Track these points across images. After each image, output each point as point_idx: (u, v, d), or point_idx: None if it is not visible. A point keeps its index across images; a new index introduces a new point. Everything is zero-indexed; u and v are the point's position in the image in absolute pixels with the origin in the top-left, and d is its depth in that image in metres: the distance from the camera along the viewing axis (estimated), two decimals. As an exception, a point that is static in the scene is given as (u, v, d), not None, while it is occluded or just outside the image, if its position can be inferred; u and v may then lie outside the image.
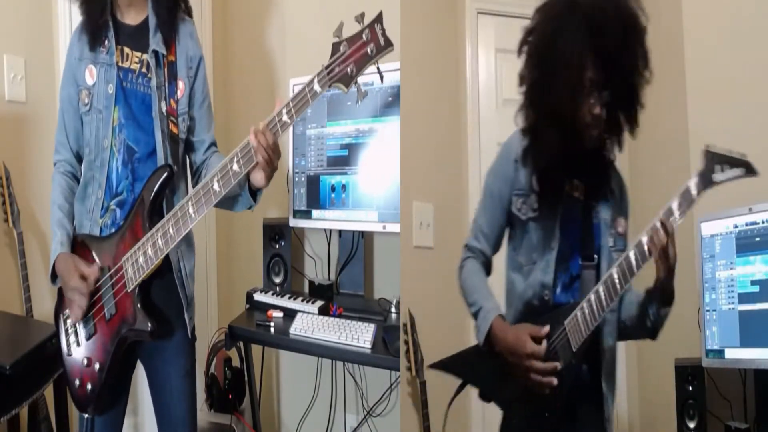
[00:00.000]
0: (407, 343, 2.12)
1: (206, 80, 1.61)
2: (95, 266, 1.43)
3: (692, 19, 2.23)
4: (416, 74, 2.22)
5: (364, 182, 2.16)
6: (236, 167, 1.30)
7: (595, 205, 1.39)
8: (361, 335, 1.82)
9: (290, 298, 2.15)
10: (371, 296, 2.37)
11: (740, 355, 1.73)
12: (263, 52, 2.71)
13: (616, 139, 1.37)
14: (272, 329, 1.99)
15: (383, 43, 1.21)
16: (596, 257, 1.38)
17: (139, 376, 1.62)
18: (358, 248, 2.30)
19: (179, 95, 1.52)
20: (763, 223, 1.71)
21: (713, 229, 1.83)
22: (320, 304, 2.06)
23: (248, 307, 2.24)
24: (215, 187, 1.32)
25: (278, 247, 2.35)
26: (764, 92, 2.00)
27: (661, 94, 2.44)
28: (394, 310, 2.12)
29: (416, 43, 2.28)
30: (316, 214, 2.28)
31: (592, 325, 1.31)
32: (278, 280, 2.34)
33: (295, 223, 2.34)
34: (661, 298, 1.33)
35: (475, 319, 1.42)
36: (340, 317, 1.99)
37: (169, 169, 1.44)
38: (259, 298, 2.22)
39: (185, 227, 1.34)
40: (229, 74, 2.82)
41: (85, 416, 1.50)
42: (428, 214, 2.30)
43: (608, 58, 1.27)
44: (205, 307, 2.64)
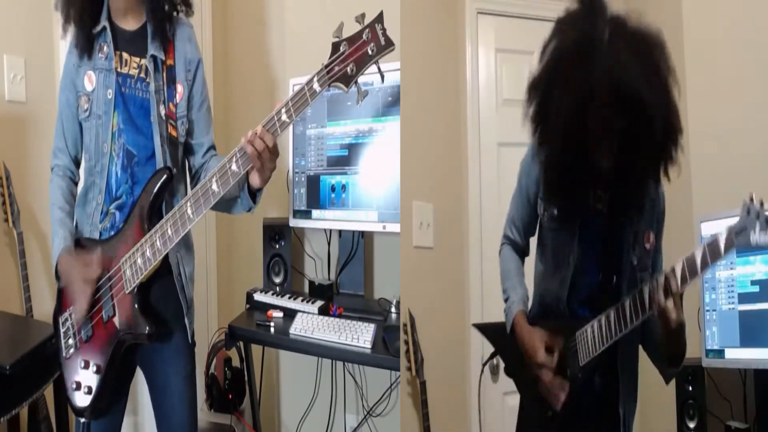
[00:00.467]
0: (407, 343, 2.12)
1: (205, 83, 1.61)
2: (97, 264, 1.43)
3: (692, 19, 2.23)
4: (416, 74, 2.22)
5: (364, 182, 2.16)
6: (235, 167, 1.30)
7: (619, 218, 1.27)
8: (361, 335, 1.82)
9: (290, 298, 2.15)
10: (371, 296, 2.37)
11: (740, 355, 1.73)
12: (263, 52, 2.71)
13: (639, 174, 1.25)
14: (272, 329, 1.99)
15: (384, 42, 1.21)
16: (616, 277, 1.29)
17: (139, 375, 1.61)
18: (358, 248, 2.30)
19: (178, 99, 1.52)
20: (763, 223, 1.71)
21: (713, 229, 1.83)
22: (320, 304, 2.06)
23: (248, 307, 2.24)
24: (214, 187, 1.31)
25: (278, 247, 2.35)
26: (764, 92, 2.00)
27: (661, 94, 2.44)
28: (394, 310, 2.12)
29: (416, 43, 2.28)
30: (316, 214, 2.28)
31: (600, 345, 1.25)
32: (278, 280, 2.34)
33: (295, 223, 2.34)
34: (666, 356, 1.21)
35: (505, 302, 1.48)
36: (340, 317, 1.99)
37: (168, 171, 1.44)
38: (259, 298, 2.22)
39: (184, 228, 1.34)
40: (229, 74, 2.81)
41: (81, 420, 1.49)
42: (428, 214, 2.29)
43: (625, 96, 1.14)
44: (205, 307, 2.64)
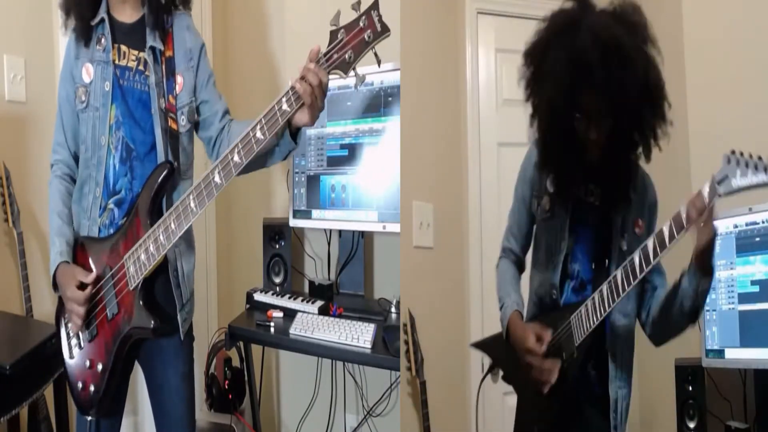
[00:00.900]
0: (407, 343, 2.12)
1: (208, 63, 1.60)
2: (93, 274, 1.42)
3: (692, 19, 2.23)
4: (416, 74, 2.22)
5: (364, 182, 2.16)
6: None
7: (611, 210, 1.37)
8: (361, 335, 1.82)
9: (290, 298, 2.15)
10: (371, 296, 2.37)
11: (740, 355, 1.73)
12: (263, 52, 2.71)
13: (625, 157, 1.34)
14: (272, 329, 1.99)
15: (380, 28, 1.22)
16: (608, 262, 1.38)
17: (139, 375, 1.62)
18: (358, 248, 2.30)
19: (178, 90, 1.51)
20: (763, 223, 1.71)
21: (713, 229, 1.83)
22: (320, 304, 2.06)
23: (248, 307, 2.24)
24: (216, 179, 1.30)
25: (278, 247, 2.35)
26: (764, 92, 2.00)
27: (661, 94, 2.44)
28: (394, 310, 2.12)
29: (416, 43, 2.28)
30: (316, 214, 2.28)
31: (595, 319, 1.33)
32: (278, 280, 2.34)
33: (295, 223, 2.34)
34: (702, 269, 1.24)
35: (501, 309, 1.53)
36: (340, 317, 1.99)
37: (169, 165, 1.43)
38: (259, 298, 2.22)
39: (187, 221, 1.33)
40: (229, 74, 2.81)
41: (87, 419, 1.49)
42: (428, 214, 2.29)
43: (605, 89, 1.23)
44: (205, 307, 2.64)
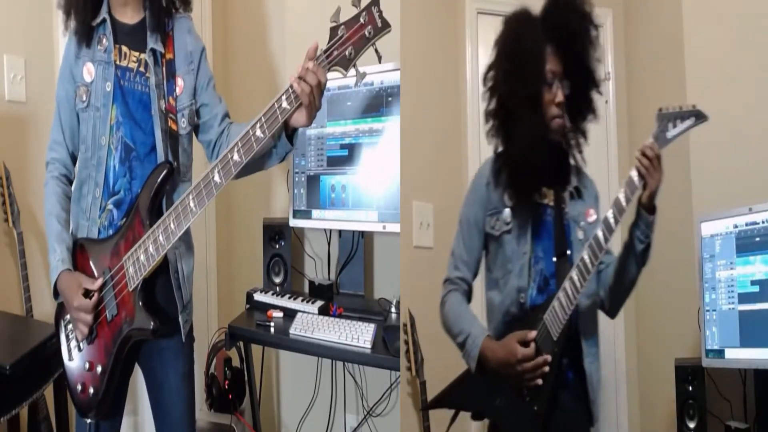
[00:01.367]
0: (407, 343, 2.12)
1: (209, 66, 1.60)
2: (99, 281, 1.41)
3: (692, 19, 2.23)
4: (416, 74, 2.22)
5: (364, 182, 2.16)
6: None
7: (564, 207, 1.48)
8: (361, 335, 1.82)
9: (290, 298, 2.15)
10: (371, 296, 2.37)
11: (740, 355, 1.73)
12: (263, 52, 2.71)
13: (580, 130, 1.47)
14: (272, 329, 1.99)
15: (381, 24, 1.22)
16: (569, 252, 1.45)
17: (139, 375, 1.61)
18: (358, 248, 2.30)
19: (178, 92, 1.51)
20: (763, 223, 1.71)
21: (713, 229, 1.83)
22: (320, 304, 2.07)
23: (248, 307, 2.24)
24: (216, 178, 1.30)
25: (278, 247, 2.35)
26: (764, 92, 2.00)
27: (661, 93, 2.45)
28: (394, 310, 2.12)
29: (416, 43, 2.28)
30: (316, 214, 2.28)
31: (569, 310, 1.37)
32: (278, 280, 2.34)
33: (295, 223, 2.34)
34: (650, 209, 1.36)
35: (462, 348, 1.47)
36: (340, 317, 1.99)
37: (169, 165, 1.43)
38: (259, 298, 2.22)
39: (186, 221, 1.33)
40: (229, 74, 2.81)
41: (87, 421, 1.48)
42: (428, 214, 2.29)
43: (565, 48, 1.41)
44: (205, 307, 2.64)
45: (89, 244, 1.48)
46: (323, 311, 2.04)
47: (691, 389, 1.87)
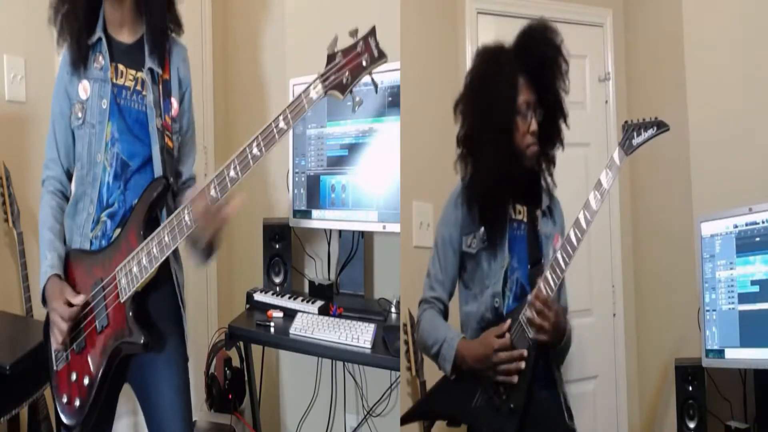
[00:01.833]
0: (407, 343, 2.12)
1: (192, 109, 1.62)
2: (81, 297, 1.40)
3: (692, 19, 2.23)
4: (416, 74, 2.22)
5: (364, 182, 2.16)
6: (233, 173, 1.30)
7: (537, 222, 1.54)
8: (361, 335, 1.82)
9: (290, 298, 2.15)
10: (371, 296, 2.37)
11: (740, 355, 1.73)
12: (263, 52, 2.71)
13: (549, 157, 1.53)
14: (272, 329, 1.99)
15: (377, 54, 1.25)
16: (542, 259, 1.50)
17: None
18: (358, 248, 2.30)
19: (173, 113, 1.53)
20: (763, 223, 1.71)
21: (713, 229, 1.83)
22: (320, 304, 2.06)
23: (248, 307, 2.24)
24: (212, 194, 1.32)
25: (278, 247, 2.35)
26: (764, 92, 2.00)
27: (660, 93, 2.45)
28: (394, 310, 2.12)
29: (416, 43, 2.28)
30: (316, 214, 2.28)
31: None
32: (278, 280, 2.34)
33: (295, 223, 2.34)
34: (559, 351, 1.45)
35: (437, 356, 1.50)
36: (340, 317, 1.99)
37: (165, 181, 1.44)
38: (259, 298, 2.22)
39: (181, 235, 1.33)
40: (228, 74, 2.82)
41: None
42: (428, 214, 2.29)
43: (537, 78, 1.47)
44: (205, 307, 2.64)
45: (81, 254, 1.47)
46: (323, 311, 2.04)
47: (691, 389, 1.87)
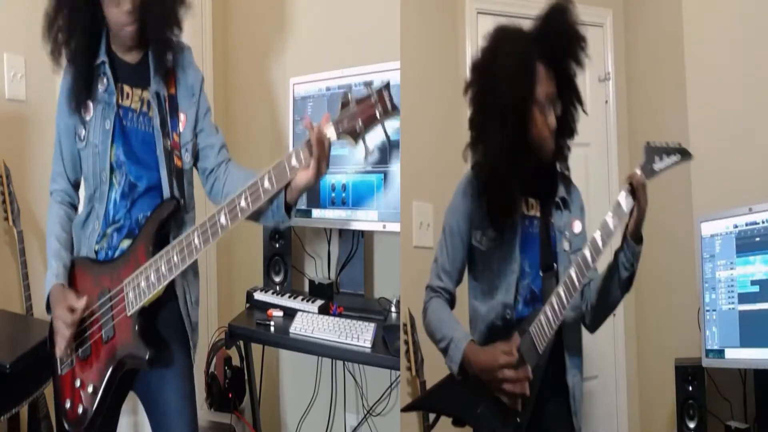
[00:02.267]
0: (407, 342, 2.12)
1: (207, 97, 1.61)
2: (83, 301, 1.39)
3: (692, 19, 2.23)
4: (416, 74, 2.22)
5: (364, 182, 2.16)
6: (243, 204, 1.28)
7: (550, 218, 1.47)
8: (361, 335, 1.82)
9: (290, 297, 2.15)
10: (371, 296, 2.37)
11: (740, 355, 1.73)
12: (263, 52, 2.71)
13: (565, 146, 1.47)
14: (272, 328, 1.99)
15: (390, 108, 1.27)
16: (555, 265, 1.45)
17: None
18: (358, 248, 2.30)
19: (181, 128, 1.52)
20: (763, 223, 1.71)
21: (713, 229, 1.83)
22: (320, 303, 2.06)
23: (248, 306, 2.24)
24: (222, 221, 1.30)
25: (278, 246, 2.35)
26: (764, 92, 2.00)
27: (660, 93, 2.45)
28: (394, 309, 2.12)
29: (416, 42, 2.28)
30: (316, 213, 2.28)
31: (555, 324, 1.36)
32: (278, 279, 2.34)
33: (295, 222, 2.34)
34: (636, 238, 1.37)
35: (445, 353, 1.46)
36: (340, 316, 1.99)
37: (176, 202, 1.44)
38: (259, 297, 2.22)
39: (190, 257, 1.33)
40: (229, 75, 2.82)
41: None
42: (428, 214, 2.30)
43: (558, 68, 1.39)
44: (205, 306, 2.64)
45: (90, 263, 1.47)
46: (323, 310, 2.04)
47: (691, 389, 1.87)
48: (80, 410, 1.41)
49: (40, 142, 2.19)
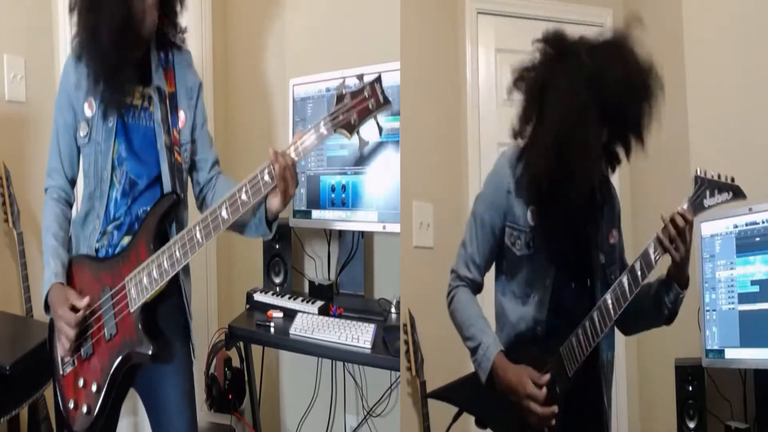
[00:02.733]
0: (407, 343, 2.12)
1: (204, 105, 1.62)
2: (86, 300, 1.39)
3: (692, 19, 2.23)
4: (416, 74, 2.22)
5: (364, 182, 2.16)
6: (245, 197, 1.31)
7: (588, 227, 1.39)
8: (361, 335, 1.82)
9: (290, 298, 2.15)
10: (371, 296, 2.37)
11: (740, 355, 1.73)
12: (263, 52, 2.71)
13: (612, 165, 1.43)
14: (272, 329, 1.99)
15: (382, 100, 1.31)
16: (589, 280, 1.39)
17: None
18: (358, 248, 2.30)
19: (181, 126, 1.52)
20: (763, 223, 1.71)
21: (713, 229, 1.83)
22: (320, 304, 2.06)
23: (248, 307, 2.24)
24: (223, 214, 1.33)
25: (278, 247, 2.34)
26: (764, 92, 2.00)
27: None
28: (394, 310, 2.12)
29: (416, 42, 2.29)
30: (316, 214, 2.28)
31: (587, 350, 1.32)
32: (278, 280, 2.34)
33: (295, 223, 2.34)
34: (679, 283, 1.32)
35: (473, 354, 1.41)
36: (340, 317, 1.99)
37: (176, 196, 1.44)
38: (259, 298, 2.22)
39: (192, 251, 1.34)
40: (228, 75, 2.82)
41: None
42: (428, 214, 2.30)
43: (617, 115, 1.29)
44: (205, 307, 2.64)
45: (89, 260, 1.47)
46: (323, 311, 2.04)
47: (691, 389, 1.87)
48: (84, 409, 1.41)
49: (40, 143, 2.19)
